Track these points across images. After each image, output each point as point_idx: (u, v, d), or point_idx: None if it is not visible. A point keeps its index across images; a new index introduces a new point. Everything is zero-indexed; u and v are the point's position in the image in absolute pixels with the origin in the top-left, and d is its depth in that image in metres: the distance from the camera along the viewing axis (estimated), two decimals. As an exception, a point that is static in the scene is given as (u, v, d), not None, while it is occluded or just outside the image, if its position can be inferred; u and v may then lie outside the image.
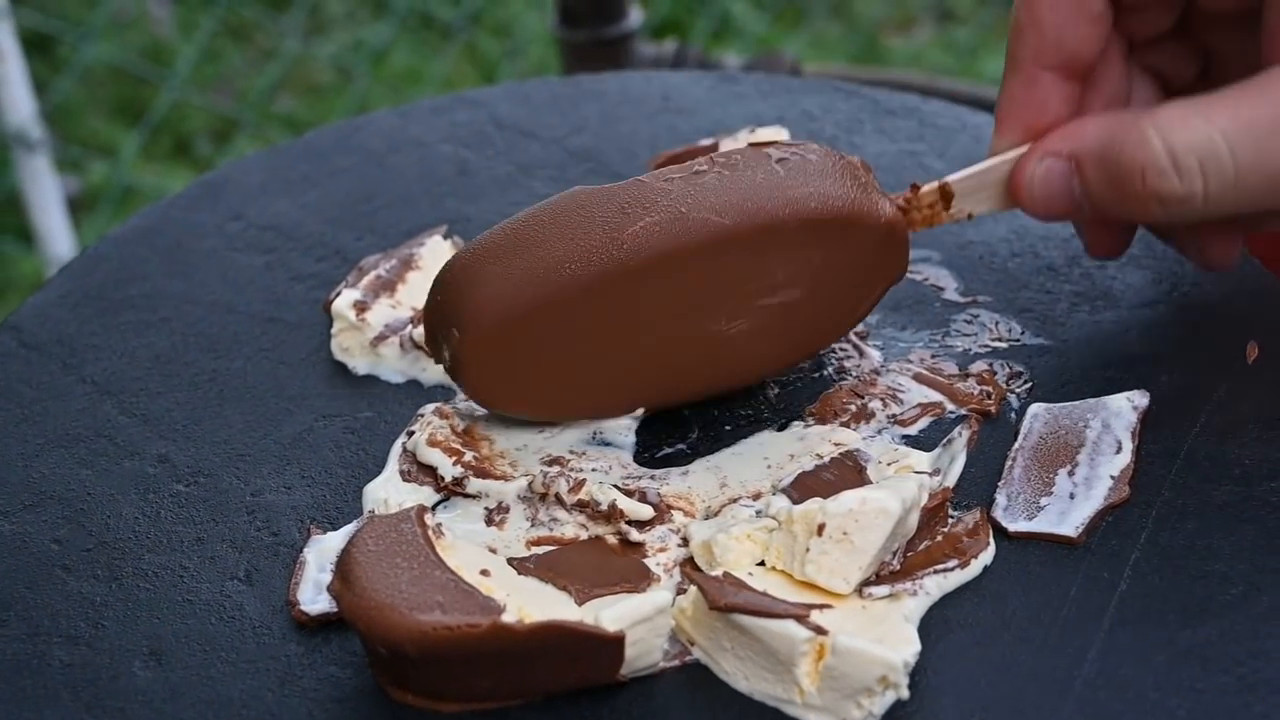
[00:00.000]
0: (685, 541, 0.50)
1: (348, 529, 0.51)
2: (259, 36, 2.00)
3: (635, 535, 0.50)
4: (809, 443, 0.53)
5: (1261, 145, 0.49)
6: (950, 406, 0.55)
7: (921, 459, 0.52)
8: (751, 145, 0.53)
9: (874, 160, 0.69)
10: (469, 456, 0.53)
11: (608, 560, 0.49)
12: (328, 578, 0.48)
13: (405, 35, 2.02)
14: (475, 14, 2.00)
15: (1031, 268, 0.61)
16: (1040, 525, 0.50)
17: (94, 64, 1.80)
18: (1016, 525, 0.50)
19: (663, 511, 0.51)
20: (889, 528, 0.46)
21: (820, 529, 0.46)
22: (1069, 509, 0.50)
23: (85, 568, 0.50)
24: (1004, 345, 0.58)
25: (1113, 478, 0.52)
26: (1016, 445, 0.53)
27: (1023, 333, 0.58)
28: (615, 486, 0.51)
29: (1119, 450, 0.53)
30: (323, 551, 0.50)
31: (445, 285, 0.52)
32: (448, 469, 0.52)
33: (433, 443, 0.53)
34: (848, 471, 0.51)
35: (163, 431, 0.56)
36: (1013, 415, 0.55)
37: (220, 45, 1.96)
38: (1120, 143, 0.50)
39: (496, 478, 0.52)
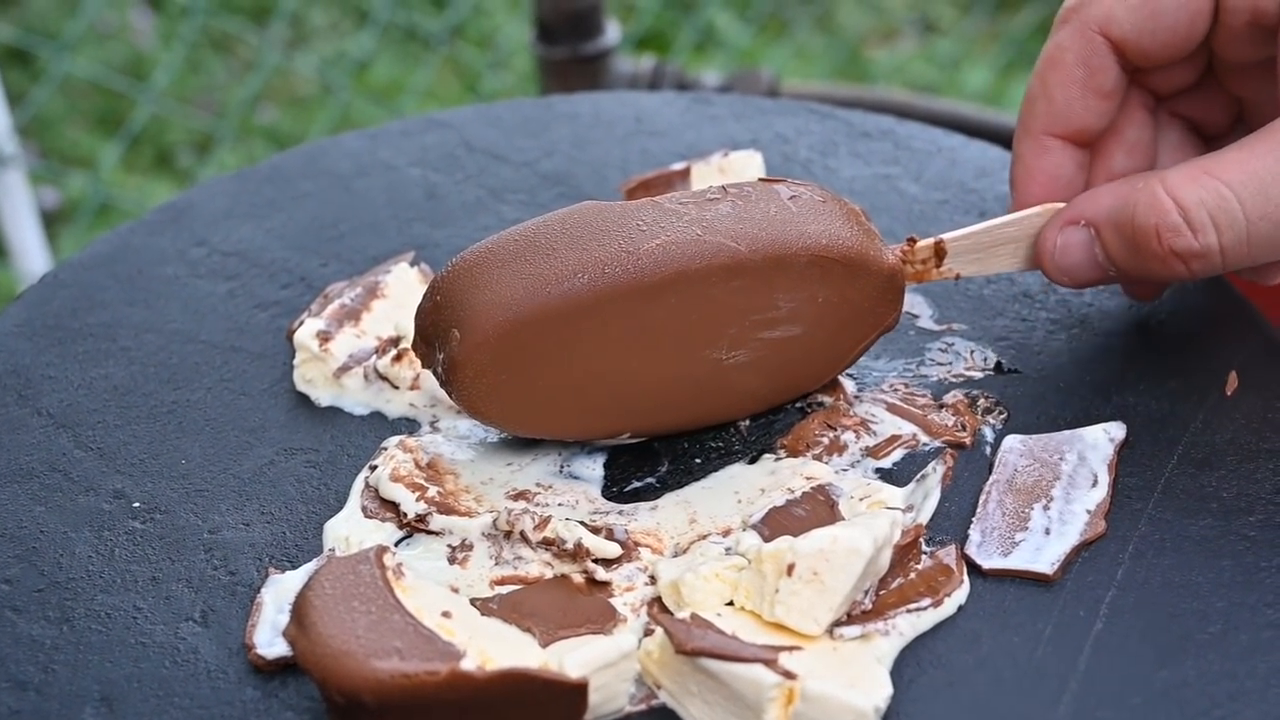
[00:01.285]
0: (653, 580, 0.49)
1: (307, 568, 0.50)
2: (240, 48, 1.98)
3: (602, 574, 0.49)
4: (780, 476, 0.52)
5: (1269, 194, 0.49)
6: (925, 438, 0.54)
7: (894, 494, 0.51)
8: (762, 180, 0.53)
9: (849, 184, 0.68)
10: (432, 492, 0.51)
11: (573, 600, 0.48)
12: (286, 619, 0.47)
13: (388, 47, 2.01)
14: (458, 25, 1.99)
15: (1007, 294, 0.60)
16: (1015, 562, 0.49)
17: (72, 76, 1.79)
18: (991, 562, 0.49)
19: (630, 549, 0.49)
20: (860, 567, 0.45)
21: (790, 569, 0.45)
22: (1044, 545, 0.49)
23: (36, 609, 0.49)
24: (979, 374, 0.57)
25: (1089, 512, 0.51)
26: (991, 479, 0.52)
27: (998, 361, 0.57)
28: (581, 523, 0.50)
29: (1095, 484, 0.52)
30: (281, 592, 0.48)
31: (447, 285, 0.50)
32: (410, 505, 0.51)
33: (396, 478, 0.52)
34: (819, 507, 0.50)
35: (119, 466, 0.54)
36: (988, 447, 0.54)
37: (202, 56, 1.95)
38: (1133, 205, 0.51)
39: (460, 514, 0.51)
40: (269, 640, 0.47)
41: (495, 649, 0.44)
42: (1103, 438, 0.53)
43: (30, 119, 1.70)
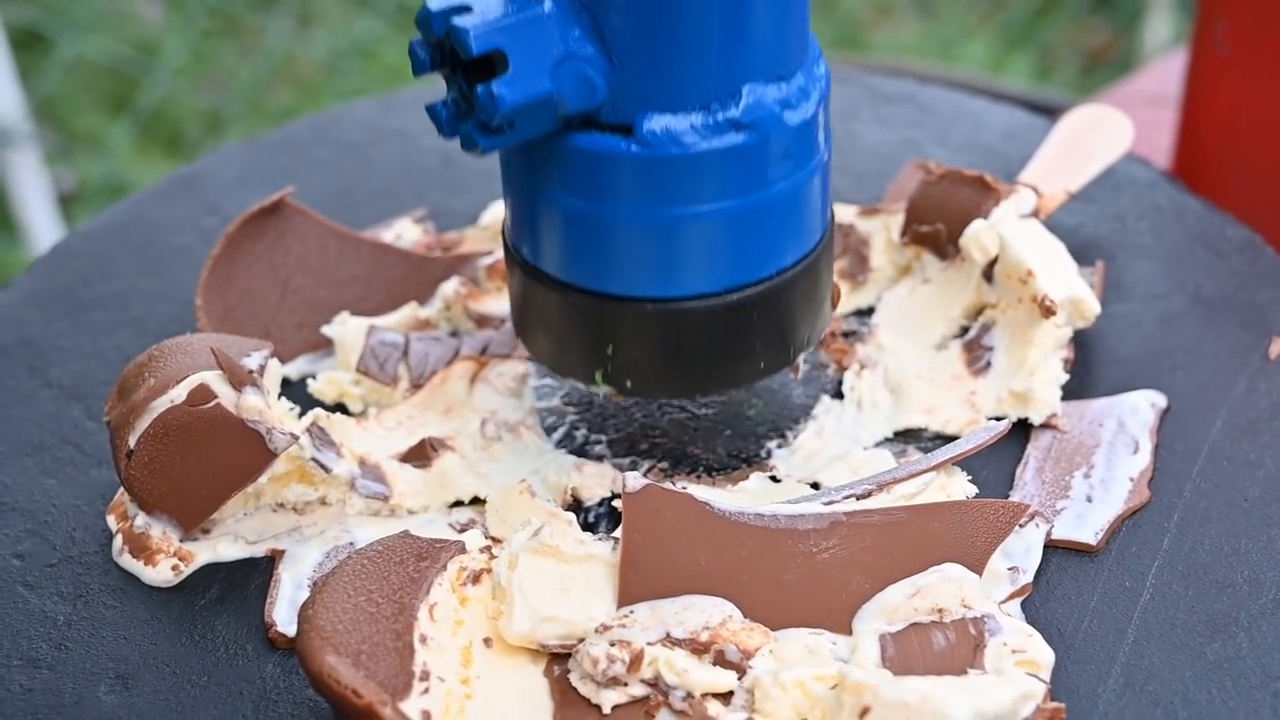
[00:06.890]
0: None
1: (323, 548, 0.48)
2: (249, 34, 1.97)
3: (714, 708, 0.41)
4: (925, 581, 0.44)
5: None
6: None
7: (1050, 658, 0.42)
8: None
9: (872, 149, 0.66)
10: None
11: None
12: (305, 595, 0.45)
13: (396, 32, 1.99)
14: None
15: (1042, 259, 0.59)
16: (1058, 531, 0.47)
17: (84, 58, 1.77)
18: (1032, 531, 0.47)
19: (743, 670, 0.42)
20: None
21: (864, 712, 0.39)
22: (1087, 513, 0.48)
23: (48, 584, 0.47)
24: (1015, 341, 0.55)
25: (1131, 480, 0.49)
26: (1030, 446, 0.50)
27: (1034, 327, 0.56)
28: (684, 644, 0.42)
29: (1136, 450, 0.50)
30: (299, 568, 0.47)
31: None
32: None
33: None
34: (964, 640, 0.42)
35: (133, 439, 0.53)
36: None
37: (211, 43, 1.94)
38: None
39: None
40: (288, 617, 0.45)
41: (492, 700, 0.41)
42: (1143, 403, 0.51)
43: (42, 101, 1.69)
